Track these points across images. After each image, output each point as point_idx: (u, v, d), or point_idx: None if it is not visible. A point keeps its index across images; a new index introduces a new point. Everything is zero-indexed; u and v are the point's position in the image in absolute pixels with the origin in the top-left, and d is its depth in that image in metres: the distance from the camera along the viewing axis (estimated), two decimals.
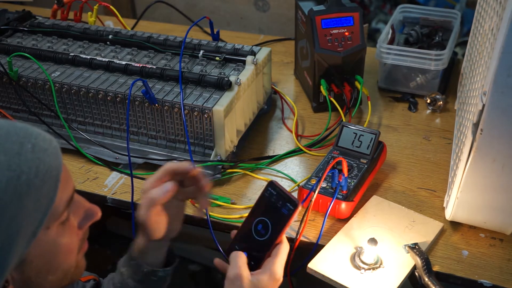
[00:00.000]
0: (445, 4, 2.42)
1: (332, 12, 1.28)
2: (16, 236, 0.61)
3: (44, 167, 0.64)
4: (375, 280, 0.92)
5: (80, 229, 0.74)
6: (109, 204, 1.14)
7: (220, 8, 2.21)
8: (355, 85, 1.32)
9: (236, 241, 0.90)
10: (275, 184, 0.89)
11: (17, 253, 0.63)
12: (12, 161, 0.61)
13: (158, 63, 1.26)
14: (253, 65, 1.23)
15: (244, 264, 0.83)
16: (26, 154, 0.62)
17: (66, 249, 0.71)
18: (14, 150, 0.62)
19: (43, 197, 0.64)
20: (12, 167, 0.61)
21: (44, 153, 0.64)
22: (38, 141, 0.65)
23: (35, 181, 0.62)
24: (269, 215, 0.88)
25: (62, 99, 1.23)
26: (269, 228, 0.87)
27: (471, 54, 1.20)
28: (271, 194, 0.89)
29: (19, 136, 0.63)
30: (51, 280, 0.71)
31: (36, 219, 0.64)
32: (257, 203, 0.90)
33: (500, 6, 0.87)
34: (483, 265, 0.96)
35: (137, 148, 1.22)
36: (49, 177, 0.64)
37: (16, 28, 1.40)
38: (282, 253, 0.86)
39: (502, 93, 0.82)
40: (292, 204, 0.86)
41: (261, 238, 0.88)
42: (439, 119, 1.35)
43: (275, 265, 0.84)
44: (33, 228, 0.64)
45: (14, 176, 0.60)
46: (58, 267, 0.71)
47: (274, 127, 1.35)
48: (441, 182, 1.15)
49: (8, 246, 0.61)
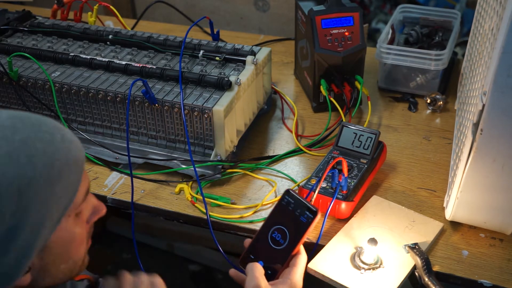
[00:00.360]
0: (445, 4, 2.42)
1: (332, 12, 1.28)
2: (45, 220, 0.66)
3: (72, 157, 0.69)
4: (375, 280, 0.92)
5: (88, 223, 0.78)
6: (109, 204, 1.14)
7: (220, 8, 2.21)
8: (355, 85, 1.32)
9: (251, 250, 0.90)
10: (292, 192, 0.89)
11: (44, 237, 0.67)
12: (47, 148, 0.66)
13: (158, 63, 1.26)
14: (253, 65, 1.23)
15: (261, 275, 0.84)
16: (58, 143, 0.67)
17: (79, 239, 0.75)
18: (47, 139, 0.67)
19: (70, 185, 0.69)
20: (47, 153, 0.65)
21: (71, 144, 0.70)
22: (65, 133, 0.70)
23: (65, 168, 0.67)
24: (287, 224, 0.88)
25: (62, 99, 1.23)
26: (286, 237, 0.88)
27: (471, 54, 1.20)
28: (288, 203, 0.89)
29: (49, 127, 0.68)
30: (63, 270, 0.74)
31: (62, 206, 0.68)
32: (274, 212, 0.91)
33: (500, 6, 0.87)
34: (483, 265, 0.96)
35: (137, 148, 1.22)
36: (76, 166, 0.69)
37: (16, 28, 1.40)
38: (301, 263, 0.87)
39: (502, 93, 0.82)
40: (312, 212, 0.87)
41: (278, 247, 0.88)
42: (439, 119, 1.35)
43: (295, 275, 0.85)
44: (59, 214, 0.68)
45: (49, 162, 0.65)
46: (71, 257, 0.75)
47: (274, 127, 1.35)
48: (441, 182, 1.15)
49: (38, 229, 0.65)
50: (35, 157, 0.64)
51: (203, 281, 1.94)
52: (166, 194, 1.14)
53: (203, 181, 1.15)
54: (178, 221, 1.12)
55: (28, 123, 0.67)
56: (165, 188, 1.15)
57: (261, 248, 0.90)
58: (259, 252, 0.89)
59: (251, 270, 0.84)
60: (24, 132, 0.65)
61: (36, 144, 0.65)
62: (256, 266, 0.85)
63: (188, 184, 1.15)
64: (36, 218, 0.64)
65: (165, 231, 2.01)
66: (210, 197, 1.11)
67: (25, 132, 0.65)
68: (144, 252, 1.99)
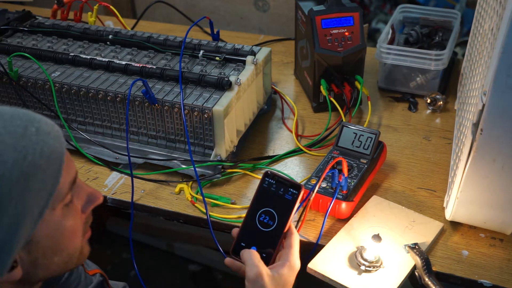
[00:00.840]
0: (445, 4, 2.42)
1: (332, 12, 1.28)
2: (24, 216, 0.65)
3: (48, 149, 0.67)
4: (375, 280, 0.92)
5: (83, 212, 0.77)
6: (109, 204, 1.14)
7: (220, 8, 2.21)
8: (355, 85, 1.32)
9: (241, 238, 0.90)
10: (272, 173, 0.89)
11: (25, 232, 0.66)
12: (17, 143, 0.64)
13: (158, 63, 1.26)
14: (253, 65, 1.23)
15: (260, 261, 0.83)
16: (31, 136, 0.66)
17: (70, 230, 0.73)
18: (18, 133, 0.65)
19: (48, 178, 0.67)
20: (18, 148, 0.64)
21: (48, 136, 0.68)
22: (41, 125, 0.68)
23: (40, 162, 0.65)
24: (273, 204, 0.88)
25: (62, 99, 1.23)
26: (275, 218, 0.88)
27: (471, 54, 1.20)
28: (270, 184, 0.89)
29: (22, 120, 0.66)
30: (57, 262, 0.74)
31: (42, 199, 0.67)
32: (257, 196, 0.90)
33: (500, 6, 0.87)
34: (483, 265, 0.96)
35: (137, 148, 1.22)
36: (53, 158, 0.68)
37: (16, 28, 1.40)
38: (295, 243, 0.87)
39: (502, 93, 0.81)
40: (295, 188, 0.87)
41: (268, 229, 0.88)
42: (439, 119, 1.35)
43: (292, 256, 0.85)
44: (40, 208, 0.67)
45: (20, 157, 0.64)
46: (64, 248, 0.74)
47: (274, 127, 1.35)
48: (441, 182, 1.15)
49: (16, 225, 0.64)
50: (5, 153, 0.63)
51: (203, 281, 1.94)
52: (166, 194, 1.14)
53: (203, 181, 1.15)
54: (178, 221, 1.12)
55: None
56: (165, 188, 1.15)
57: (251, 234, 0.89)
58: (249, 239, 0.89)
59: (249, 258, 0.83)
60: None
61: (5, 139, 0.64)
62: (252, 253, 0.84)
63: (188, 184, 1.15)
64: (12, 215, 0.63)
65: (165, 231, 2.01)
66: (210, 197, 1.11)
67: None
68: (144, 252, 2.00)
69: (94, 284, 0.97)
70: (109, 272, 1.01)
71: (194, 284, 1.94)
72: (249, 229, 0.89)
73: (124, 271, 1.94)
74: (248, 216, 0.90)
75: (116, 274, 1.81)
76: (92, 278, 0.98)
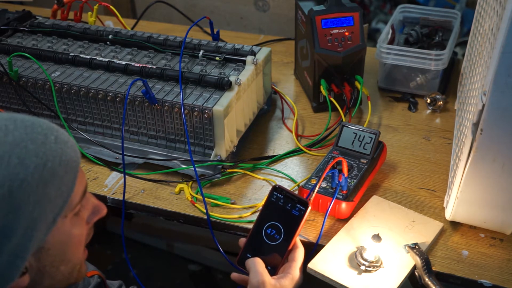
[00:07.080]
0: (445, 4, 2.42)
1: (332, 12, 1.28)
2: (39, 221, 0.66)
3: (66, 157, 0.69)
4: (375, 280, 0.92)
5: (88, 223, 0.78)
6: (109, 204, 1.14)
7: (220, 8, 2.21)
8: (355, 85, 1.32)
9: (247, 249, 0.91)
10: (280, 188, 0.90)
11: (39, 238, 0.67)
12: (39, 149, 0.66)
13: (158, 63, 1.26)
14: (253, 65, 1.23)
15: (264, 269, 0.86)
16: (51, 144, 0.68)
17: (77, 240, 0.75)
18: (40, 140, 0.67)
19: (64, 185, 0.69)
20: (39, 154, 0.65)
21: (65, 145, 0.70)
22: (59, 134, 0.70)
23: (58, 169, 0.67)
24: (280, 219, 0.89)
25: (62, 99, 1.23)
26: (281, 232, 0.89)
27: (471, 54, 1.20)
28: (278, 198, 0.90)
29: (43, 128, 0.68)
30: (62, 271, 0.75)
31: (57, 206, 0.68)
32: (264, 209, 0.91)
33: (500, 6, 0.87)
34: (483, 265, 0.96)
35: (137, 148, 1.22)
36: (70, 167, 0.70)
37: (16, 28, 1.40)
38: (299, 257, 0.89)
39: (502, 93, 0.82)
40: (303, 205, 0.87)
41: (274, 243, 0.89)
42: (439, 119, 1.35)
43: (295, 269, 0.87)
44: (54, 215, 0.68)
45: (41, 163, 0.65)
46: (70, 258, 0.75)
47: (274, 127, 1.35)
48: (441, 182, 1.15)
49: (31, 230, 0.65)
50: (27, 158, 0.64)
51: (203, 281, 1.94)
52: (166, 194, 1.14)
53: (203, 181, 1.15)
54: (178, 221, 1.12)
55: (20, 125, 0.67)
56: (165, 188, 1.15)
57: (257, 246, 0.90)
58: (256, 250, 0.90)
59: (253, 266, 0.86)
60: (16, 134, 0.65)
61: (28, 145, 0.65)
62: (257, 261, 0.86)
63: (188, 184, 1.15)
64: (29, 219, 0.64)
65: (165, 231, 2.01)
66: (210, 197, 1.11)
67: (17, 133, 0.65)
68: (144, 252, 2.00)
69: (92, 286, 0.97)
70: (109, 272, 1.02)
71: (194, 284, 1.94)
72: (256, 241, 0.90)
73: (124, 271, 1.94)
74: (255, 228, 0.91)
75: (116, 274, 1.81)
76: (90, 280, 0.98)
